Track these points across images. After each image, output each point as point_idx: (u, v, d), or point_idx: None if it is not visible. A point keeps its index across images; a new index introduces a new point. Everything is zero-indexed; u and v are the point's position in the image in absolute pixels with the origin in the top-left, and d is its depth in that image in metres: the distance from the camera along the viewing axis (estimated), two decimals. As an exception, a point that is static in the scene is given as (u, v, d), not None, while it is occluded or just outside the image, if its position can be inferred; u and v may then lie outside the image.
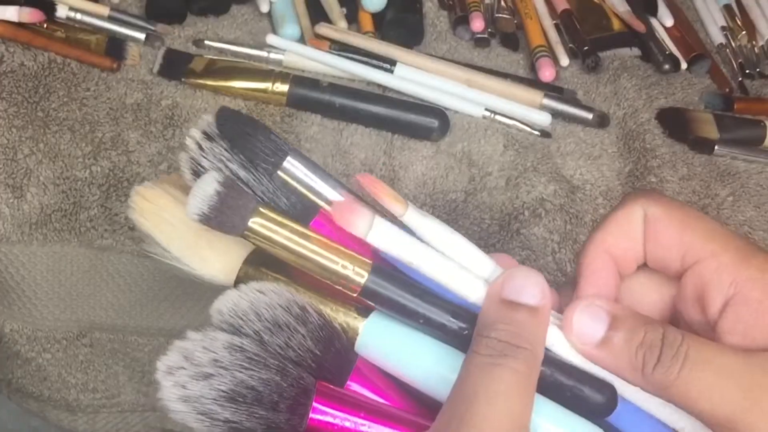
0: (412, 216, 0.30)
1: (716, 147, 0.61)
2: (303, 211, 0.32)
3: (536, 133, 0.60)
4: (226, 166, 0.32)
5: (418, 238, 0.30)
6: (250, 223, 0.29)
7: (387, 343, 0.30)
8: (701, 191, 0.58)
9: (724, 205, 0.57)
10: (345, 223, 0.29)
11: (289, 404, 0.27)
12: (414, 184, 0.56)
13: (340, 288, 0.29)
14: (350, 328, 0.30)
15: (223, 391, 0.26)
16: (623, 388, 0.30)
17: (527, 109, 0.61)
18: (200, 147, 0.32)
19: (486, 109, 0.60)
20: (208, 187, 0.28)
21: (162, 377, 0.27)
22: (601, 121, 0.61)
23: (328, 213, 0.31)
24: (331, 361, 0.29)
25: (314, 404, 0.27)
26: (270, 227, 0.29)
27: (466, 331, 0.29)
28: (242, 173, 0.32)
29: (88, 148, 0.54)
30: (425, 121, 0.57)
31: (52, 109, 0.55)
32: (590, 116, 0.61)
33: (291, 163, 0.32)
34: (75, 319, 0.58)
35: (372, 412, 0.29)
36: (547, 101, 0.61)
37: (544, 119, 0.61)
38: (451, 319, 0.29)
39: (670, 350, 0.27)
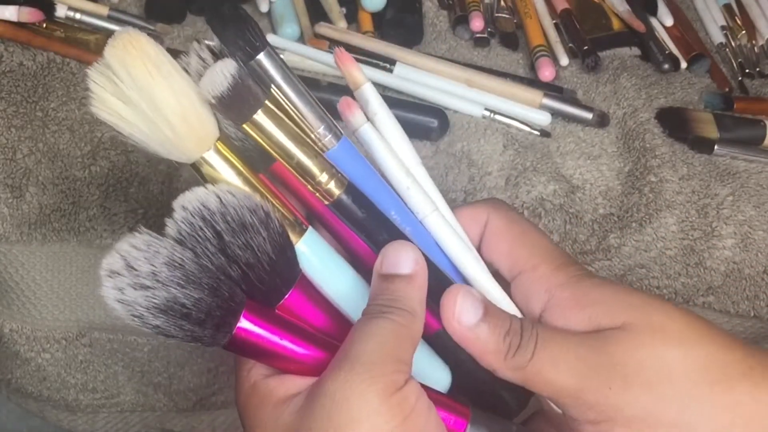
0: (368, 91, 0.34)
1: (716, 146, 0.61)
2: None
3: (536, 132, 0.60)
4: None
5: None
6: (256, 115, 0.30)
7: (317, 260, 0.33)
8: (701, 191, 0.58)
9: (724, 205, 0.57)
10: (348, 112, 0.33)
11: (215, 323, 0.29)
12: (413, 184, 0.56)
13: (314, 193, 0.33)
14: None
15: (155, 303, 0.28)
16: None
17: (527, 109, 0.61)
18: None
19: (486, 109, 0.60)
20: (227, 70, 0.29)
21: (103, 277, 0.28)
22: (601, 120, 0.61)
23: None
24: (282, 267, 0.31)
25: (239, 323, 0.30)
26: (269, 124, 0.31)
27: None
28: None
29: (87, 148, 0.54)
30: (425, 121, 0.57)
31: (51, 109, 0.55)
32: (590, 116, 0.61)
33: (261, 62, 0.32)
34: (74, 319, 0.58)
35: (293, 332, 0.31)
36: (546, 101, 0.61)
37: (543, 119, 0.61)
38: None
39: (526, 335, 0.32)
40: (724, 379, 0.30)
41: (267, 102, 0.31)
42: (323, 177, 0.32)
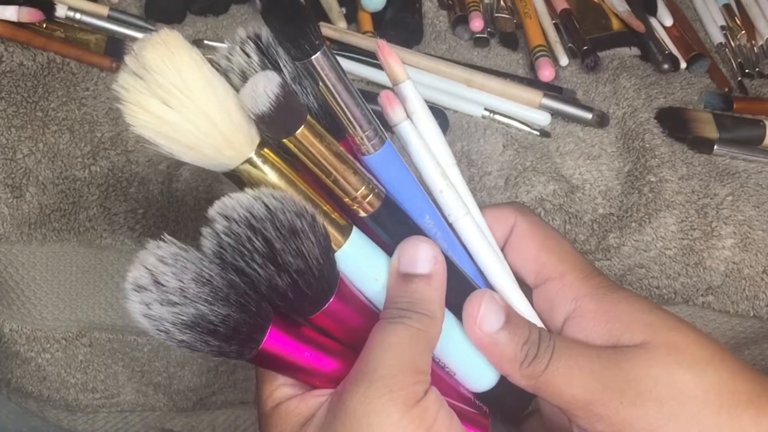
0: (408, 88, 0.34)
1: (715, 146, 0.61)
2: (333, 127, 0.33)
3: (535, 132, 0.60)
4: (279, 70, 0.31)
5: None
6: (298, 132, 0.29)
7: (363, 259, 0.32)
8: (701, 191, 0.58)
9: (724, 205, 0.57)
10: (389, 107, 0.33)
11: (242, 338, 0.29)
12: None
13: (352, 205, 0.32)
14: (331, 236, 0.32)
15: (183, 320, 0.27)
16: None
17: (526, 109, 0.61)
18: (246, 52, 0.31)
19: (485, 109, 0.60)
20: (270, 89, 0.28)
21: (129, 291, 0.27)
22: (601, 120, 0.61)
23: (352, 141, 0.32)
24: (328, 270, 0.30)
25: (266, 338, 0.29)
26: (311, 139, 0.30)
27: None
28: (288, 80, 0.32)
29: (87, 148, 0.54)
30: (424, 121, 0.57)
31: (52, 109, 0.55)
32: (589, 116, 0.61)
33: (319, 59, 0.31)
34: (74, 319, 0.58)
35: (318, 347, 0.31)
36: (546, 101, 0.61)
37: (543, 119, 0.61)
38: None
39: (543, 345, 0.32)
40: (732, 404, 0.31)
41: (309, 117, 0.30)
42: (362, 191, 0.31)
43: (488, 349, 0.33)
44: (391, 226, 0.33)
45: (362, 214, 0.32)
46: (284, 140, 0.30)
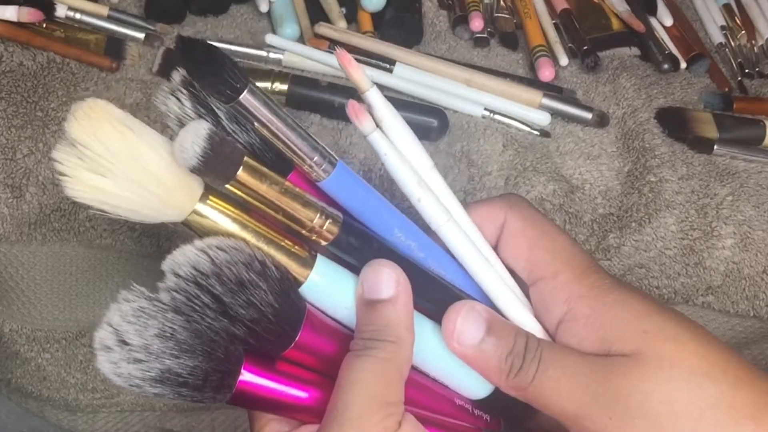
0: (373, 95, 0.33)
1: (715, 146, 0.61)
2: (278, 162, 0.32)
3: (535, 132, 0.60)
4: (207, 114, 0.31)
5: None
6: (238, 174, 0.29)
7: (331, 286, 0.32)
8: (700, 190, 0.58)
9: (724, 205, 0.57)
10: (356, 119, 0.32)
11: (214, 386, 0.29)
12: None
13: (310, 236, 0.31)
14: (294, 271, 0.31)
15: (151, 375, 0.28)
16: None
17: (526, 109, 0.61)
18: (176, 98, 0.31)
19: (485, 109, 0.60)
20: (197, 141, 0.28)
21: (98, 350, 0.28)
22: (601, 120, 0.61)
23: (301, 170, 0.32)
24: (287, 311, 0.30)
25: (239, 381, 0.29)
26: (253, 179, 0.29)
27: None
28: (225, 122, 0.31)
29: (87, 148, 0.54)
30: (424, 121, 0.57)
31: (51, 109, 0.55)
32: (589, 116, 0.61)
33: (247, 99, 0.30)
34: (74, 319, 0.58)
35: (295, 380, 0.31)
36: (546, 101, 0.61)
37: (543, 119, 0.61)
38: None
39: (529, 355, 0.31)
40: (729, 420, 0.29)
41: (246, 158, 0.29)
42: (317, 221, 0.31)
43: (472, 362, 0.32)
44: (356, 249, 0.32)
45: (323, 243, 0.32)
46: (226, 186, 0.29)
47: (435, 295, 0.33)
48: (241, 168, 0.29)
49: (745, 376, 0.30)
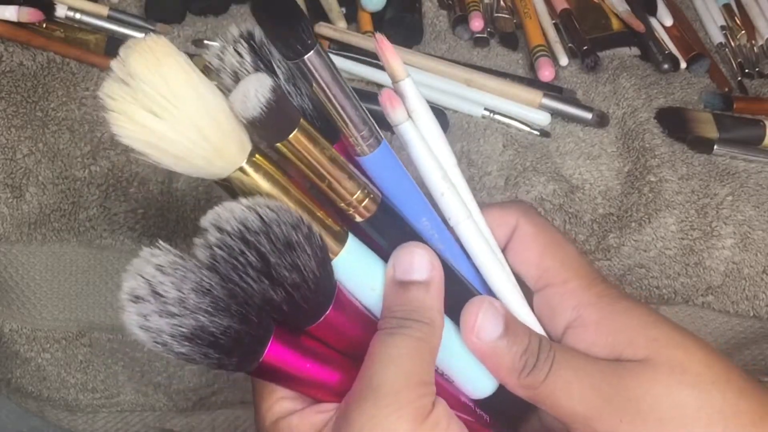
0: (408, 85, 0.33)
1: (715, 146, 0.61)
2: (327, 129, 0.31)
3: (535, 132, 0.60)
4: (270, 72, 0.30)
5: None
6: (291, 136, 0.28)
7: (360, 266, 0.31)
8: (700, 191, 0.58)
9: (723, 205, 0.57)
10: (390, 107, 0.32)
11: (243, 350, 0.27)
12: (413, 184, 0.56)
13: (345, 209, 0.30)
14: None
15: (182, 332, 0.26)
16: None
17: (526, 109, 0.61)
18: (237, 51, 0.30)
19: (485, 109, 0.60)
20: (261, 93, 0.27)
21: (125, 302, 0.26)
22: (601, 120, 0.61)
23: (346, 142, 0.31)
24: (325, 282, 0.29)
25: (267, 350, 0.28)
26: (304, 143, 0.29)
27: None
28: (282, 82, 0.31)
29: (87, 148, 0.54)
30: (424, 121, 0.57)
31: (51, 109, 0.55)
32: (589, 116, 0.61)
33: (312, 59, 0.29)
34: (74, 319, 0.58)
35: (320, 358, 0.30)
36: (546, 101, 0.61)
37: (543, 119, 0.61)
38: None
39: (543, 355, 0.31)
40: (735, 427, 0.30)
41: (302, 121, 0.28)
42: (358, 196, 0.30)
43: (486, 358, 0.32)
44: (388, 230, 0.32)
45: (358, 219, 0.31)
46: (277, 144, 0.29)
47: (450, 289, 0.33)
48: (297, 128, 0.28)
49: (747, 386, 0.31)
